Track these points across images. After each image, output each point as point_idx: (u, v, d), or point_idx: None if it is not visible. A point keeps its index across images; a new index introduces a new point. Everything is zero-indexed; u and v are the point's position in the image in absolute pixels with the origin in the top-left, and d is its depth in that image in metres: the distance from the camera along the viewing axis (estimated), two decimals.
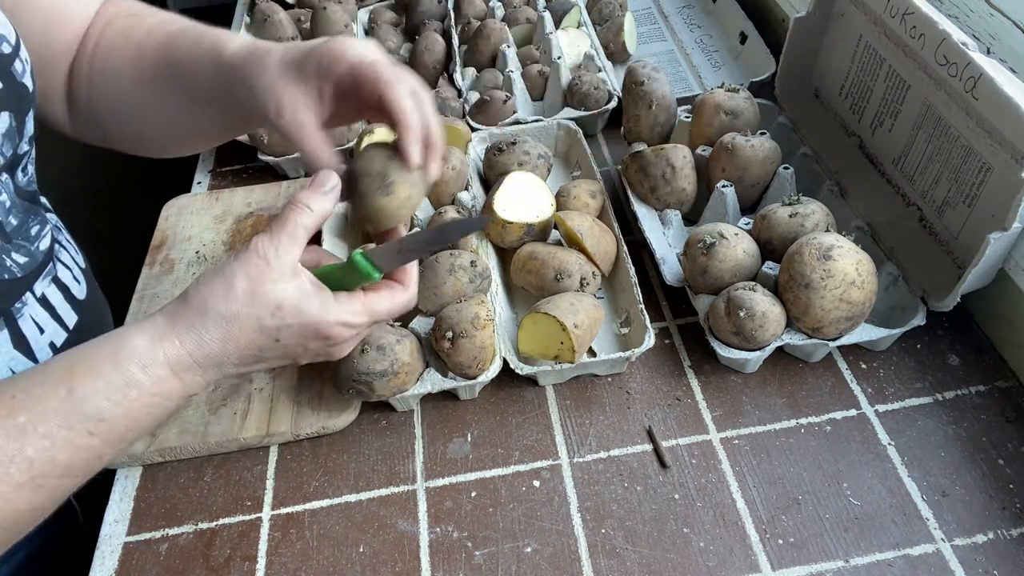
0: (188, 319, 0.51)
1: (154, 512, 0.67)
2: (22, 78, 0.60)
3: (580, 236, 0.76)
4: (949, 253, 0.75)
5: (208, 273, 0.52)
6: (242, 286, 0.51)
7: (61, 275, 0.69)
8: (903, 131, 0.80)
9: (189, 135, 0.70)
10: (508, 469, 0.68)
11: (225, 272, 0.52)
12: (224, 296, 0.51)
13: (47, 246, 0.67)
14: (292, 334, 0.53)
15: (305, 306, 0.52)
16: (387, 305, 0.56)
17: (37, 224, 0.66)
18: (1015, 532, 0.61)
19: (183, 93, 0.64)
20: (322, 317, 0.53)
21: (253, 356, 0.53)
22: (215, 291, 0.51)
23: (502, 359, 0.72)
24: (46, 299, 0.66)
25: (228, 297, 0.51)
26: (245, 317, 0.51)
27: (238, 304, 0.51)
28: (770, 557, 0.61)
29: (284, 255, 0.52)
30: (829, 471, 0.66)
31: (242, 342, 0.52)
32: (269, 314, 0.51)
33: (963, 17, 0.80)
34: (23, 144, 0.63)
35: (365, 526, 0.65)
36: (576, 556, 0.62)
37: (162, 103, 0.66)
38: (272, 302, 0.51)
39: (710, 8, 1.24)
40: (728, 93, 0.87)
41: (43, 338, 0.65)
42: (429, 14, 1.20)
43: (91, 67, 0.68)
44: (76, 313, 0.70)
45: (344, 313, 0.54)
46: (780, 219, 0.74)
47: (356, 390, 0.68)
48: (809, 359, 0.74)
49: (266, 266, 0.51)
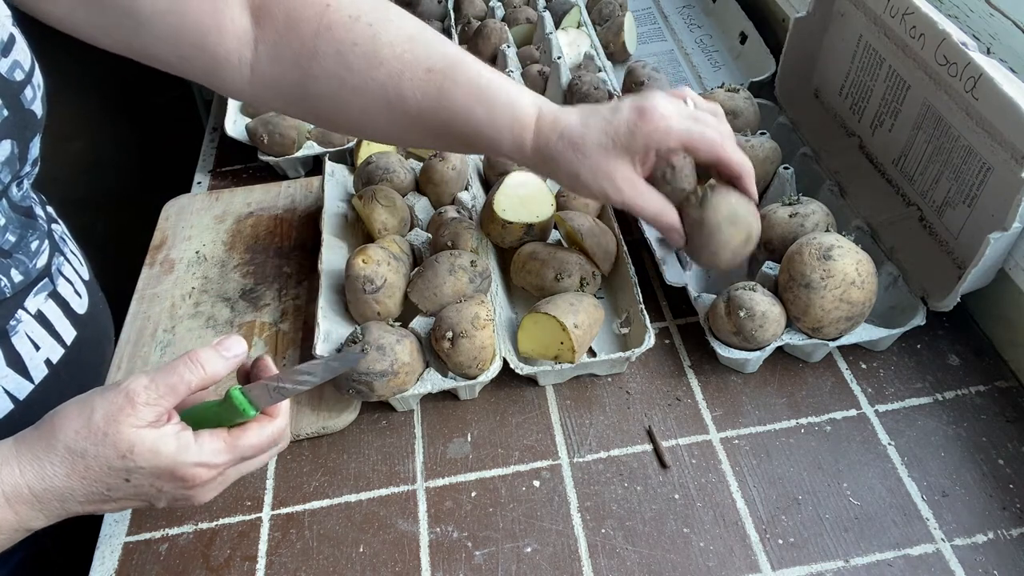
0: (35, 448, 0.48)
1: (154, 512, 0.67)
2: (31, 105, 0.60)
3: (580, 236, 0.76)
4: (949, 253, 0.75)
5: (73, 401, 0.50)
6: (97, 424, 0.48)
7: (61, 290, 0.69)
8: (903, 131, 0.80)
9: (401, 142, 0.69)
10: (508, 469, 0.68)
11: (86, 405, 0.49)
12: (76, 429, 0.48)
13: (44, 262, 0.66)
14: (144, 476, 0.49)
15: (161, 448, 0.49)
16: (254, 440, 0.52)
17: (36, 239, 0.66)
18: (1015, 532, 0.61)
19: (445, 138, 0.64)
20: (178, 458, 0.49)
21: (100, 495, 0.50)
22: (69, 422, 0.49)
23: (502, 359, 0.72)
24: (43, 315, 0.66)
25: (80, 432, 0.48)
26: (92, 456, 0.48)
27: (88, 441, 0.48)
28: (770, 557, 0.61)
29: (155, 402, 0.49)
30: (829, 471, 0.66)
31: (88, 479, 0.49)
32: (119, 456, 0.48)
33: (963, 17, 0.80)
34: (26, 167, 0.62)
35: (365, 526, 0.65)
36: (576, 556, 0.62)
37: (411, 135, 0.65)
38: (125, 444, 0.48)
39: (710, 8, 1.24)
40: (728, 93, 0.87)
41: (39, 355, 0.65)
42: (429, 14, 1.20)
43: (317, 49, 0.61)
44: (75, 328, 0.69)
45: (204, 453, 0.50)
46: (780, 219, 0.74)
47: (356, 390, 0.68)
48: (809, 359, 0.74)
49: (130, 407, 0.48)
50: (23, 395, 0.63)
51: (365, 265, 0.73)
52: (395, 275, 0.74)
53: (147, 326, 0.82)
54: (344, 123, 0.67)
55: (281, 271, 0.87)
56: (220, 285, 0.86)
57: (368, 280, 0.73)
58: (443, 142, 0.67)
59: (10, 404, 0.62)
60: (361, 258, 0.74)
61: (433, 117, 0.62)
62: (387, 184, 0.86)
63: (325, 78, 0.62)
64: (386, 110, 0.62)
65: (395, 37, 0.61)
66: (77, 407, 0.49)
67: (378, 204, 0.81)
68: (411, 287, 0.75)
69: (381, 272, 0.73)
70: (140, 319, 0.83)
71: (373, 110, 0.62)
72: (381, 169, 0.86)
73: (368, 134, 0.76)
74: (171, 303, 0.85)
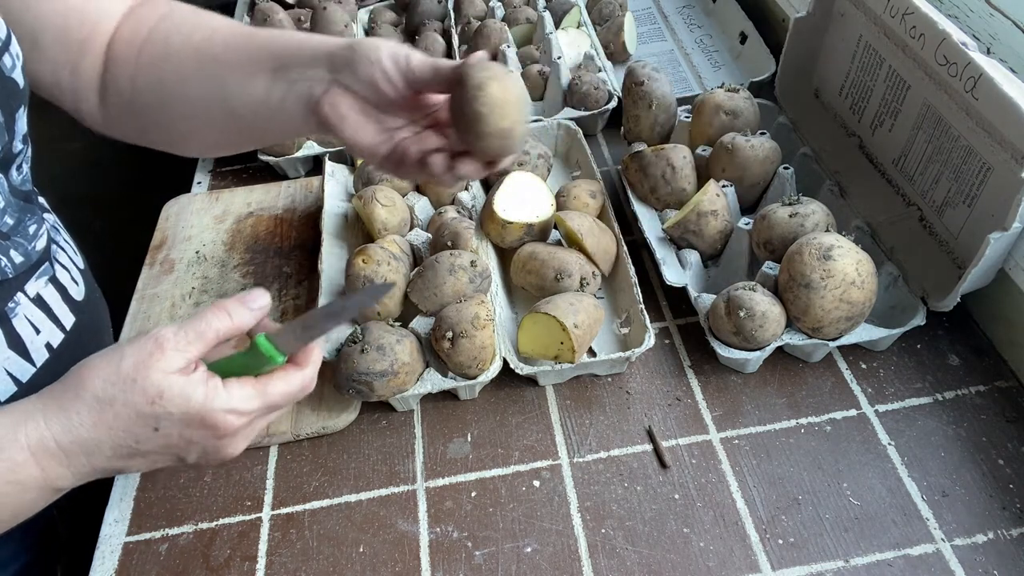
0: (61, 399, 0.48)
1: (154, 512, 0.67)
2: (11, 73, 0.60)
3: (580, 236, 0.76)
4: (949, 253, 0.75)
5: (98, 354, 0.49)
6: (126, 371, 0.47)
7: (59, 276, 0.69)
8: (903, 131, 0.80)
9: (233, 131, 0.68)
10: (508, 469, 0.68)
11: (114, 354, 0.48)
12: (105, 378, 0.47)
13: (43, 246, 0.67)
14: (174, 423, 0.48)
15: (191, 394, 0.48)
16: (282, 387, 0.52)
17: (34, 224, 0.66)
18: (1015, 532, 0.61)
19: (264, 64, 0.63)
20: (207, 404, 0.48)
21: (129, 448, 0.49)
22: (97, 371, 0.48)
23: (502, 359, 0.72)
24: (42, 299, 0.66)
25: (108, 380, 0.47)
26: (121, 403, 0.47)
27: (116, 388, 0.47)
28: (770, 557, 0.61)
29: (183, 348, 0.48)
30: (829, 471, 0.66)
31: (116, 429, 0.47)
32: (148, 401, 0.47)
33: (963, 17, 0.81)
34: (16, 143, 0.62)
35: (365, 526, 0.65)
36: (576, 556, 0.62)
37: (226, 80, 0.64)
38: (154, 390, 0.47)
39: (710, 8, 1.24)
40: (728, 93, 0.87)
41: (39, 339, 0.65)
42: (429, 14, 1.20)
43: (140, 58, 0.65)
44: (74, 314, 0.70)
45: (233, 400, 0.49)
46: (780, 219, 0.74)
47: (356, 390, 0.68)
48: (809, 359, 0.74)
49: (159, 353, 0.48)
50: (26, 378, 0.63)
51: (365, 265, 0.73)
52: (395, 275, 0.74)
53: (147, 326, 0.82)
54: (179, 133, 0.69)
55: (281, 271, 0.87)
56: (220, 285, 0.86)
57: (368, 280, 0.73)
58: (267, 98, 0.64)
59: (13, 386, 0.62)
60: (361, 258, 0.74)
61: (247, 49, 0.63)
62: (387, 184, 0.86)
63: (148, 90, 0.65)
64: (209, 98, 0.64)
65: (218, 23, 0.66)
66: (105, 357, 0.48)
67: (378, 204, 0.81)
68: (411, 287, 0.75)
69: (381, 272, 0.73)
70: (140, 319, 0.83)
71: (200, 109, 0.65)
72: None
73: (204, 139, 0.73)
74: (171, 303, 0.85)
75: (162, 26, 0.67)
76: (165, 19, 0.68)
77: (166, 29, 0.67)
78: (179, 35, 0.66)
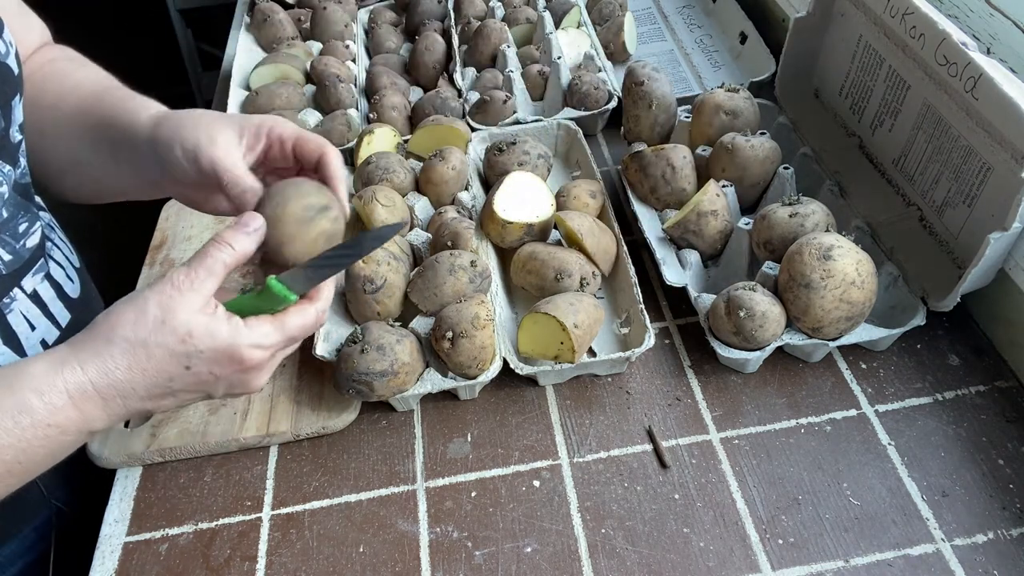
0: (94, 346, 0.50)
1: (154, 512, 0.67)
2: (6, 59, 0.60)
3: (580, 236, 0.76)
4: (949, 253, 0.75)
5: (120, 302, 0.51)
6: (153, 313, 0.50)
7: (54, 273, 0.69)
8: (903, 131, 0.80)
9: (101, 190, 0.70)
10: (508, 469, 0.68)
11: (137, 300, 0.51)
12: (133, 322, 0.50)
13: (35, 243, 0.67)
14: (204, 361, 0.51)
15: (216, 331, 0.51)
16: (298, 321, 0.55)
17: (26, 221, 0.66)
18: (1015, 532, 0.61)
19: (103, 141, 0.66)
20: (233, 339, 0.52)
21: (162, 387, 0.51)
22: (125, 318, 0.50)
23: (502, 359, 0.72)
24: (38, 295, 0.66)
25: (137, 323, 0.50)
26: (154, 344, 0.50)
27: (147, 331, 0.50)
28: (770, 557, 0.61)
29: (199, 286, 0.51)
30: (829, 471, 0.66)
31: (150, 370, 0.50)
32: (179, 340, 0.50)
33: (963, 17, 0.81)
34: (13, 131, 0.63)
35: (365, 526, 0.65)
36: (576, 556, 0.62)
37: (77, 145, 0.67)
38: (183, 328, 0.50)
39: (710, 8, 1.24)
40: (728, 93, 0.87)
41: (34, 335, 0.65)
42: (429, 14, 1.20)
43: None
44: (69, 311, 0.70)
45: (255, 335, 0.53)
46: (780, 219, 0.74)
47: (356, 390, 0.68)
48: (809, 359, 0.74)
49: (179, 295, 0.50)
50: None
51: (365, 265, 0.73)
52: (395, 275, 0.74)
53: None
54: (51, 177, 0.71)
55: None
56: None
57: (368, 280, 0.73)
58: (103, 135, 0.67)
59: None
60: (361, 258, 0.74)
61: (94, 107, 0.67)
62: (387, 184, 0.86)
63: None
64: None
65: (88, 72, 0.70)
66: (129, 303, 0.51)
67: (378, 204, 0.81)
68: (411, 287, 0.75)
69: (381, 272, 0.73)
70: None
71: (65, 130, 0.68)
72: (381, 169, 0.86)
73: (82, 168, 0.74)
74: None
75: (41, 72, 0.69)
76: (50, 63, 0.70)
77: (43, 76, 0.69)
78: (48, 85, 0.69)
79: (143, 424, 0.72)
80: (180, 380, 0.52)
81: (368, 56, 1.19)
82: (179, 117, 0.61)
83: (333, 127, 0.98)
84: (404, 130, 1.00)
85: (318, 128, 1.00)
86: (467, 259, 0.74)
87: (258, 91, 1.04)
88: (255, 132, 0.61)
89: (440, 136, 0.94)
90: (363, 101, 1.07)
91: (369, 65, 1.13)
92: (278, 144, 0.61)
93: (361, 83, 1.10)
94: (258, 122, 0.61)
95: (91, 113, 0.66)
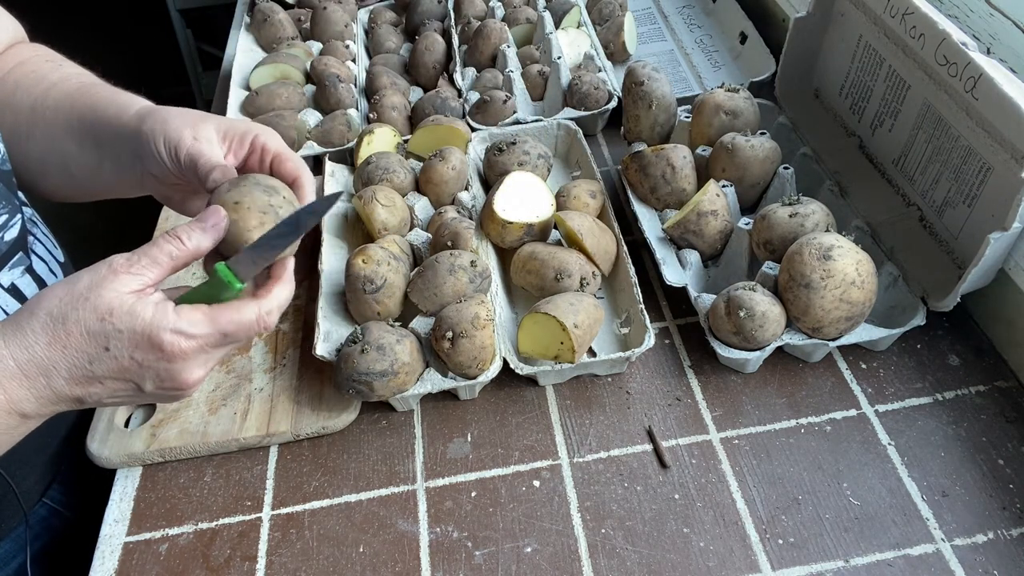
0: (18, 319, 0.49)
1: (154, 512, 0.67)
2: None
3: (580, 236, 0.76)
4: (949, 253, 0.75)
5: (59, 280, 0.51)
6: (80, 289, 0.49)
7: (37, 268, 0.69)
8: (903, 131, 0.80)
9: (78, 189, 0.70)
10: (508, 469, 0.68)
11: (71, 278, 0.50)
12: (60, 297, 0.49)
13: (14, 236, 0.66)
14: (123, 343, 0.49)
15: (138, 311, 0.49)
16: (231, 315, 0.52)
17: (6, 213, 0.66)
18: (1015, 532, 0.61)
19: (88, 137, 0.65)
20: (154, 323, 0.49)
21: (83, 369, 0.49)
22: (53, 293, 0.49)
23: (502, 359, 0.72)
24: (17, 289, 0.66)
25: (62, 299, 0.49)
26: (73, 321, 0.48)
27: (69, 306, 0.48)
28: (770, 557, 0.61)
29: (137, 271, 0.50)
30: (829, 471, 0.66)
31: (69, 348, 0.48)
32: (98, 318, 0.48)
33: (963, 17, 0.81)
34: None
35: (365, 526, 0.65)
36: (576, 556, 0.62)
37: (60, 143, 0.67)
38: (104, 306, 0.49)
39: (710, 8, 1.24)
40: (728, 93, 0.87)
41: None
42: (429, 14, 1.20)
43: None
44: None
45: (181, 322, 0.50)
46: (780, 219, 0.74)
47: (356, 390, 0.68)
48: (809, 359, 0.74)
49: (112, 275, 0.49)
50: None
51: (365, 265, 0.73)
52: (395, 275, 0.74)
53: None
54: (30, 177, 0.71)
55: None
56: None
57: (368, 280, 0.73)
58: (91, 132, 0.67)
59: None
60: (361, 258, 0.74)
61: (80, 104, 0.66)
62: (387, 184, 0.86)
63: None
64: None
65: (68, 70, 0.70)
66: (63, 281, 0.50)
67: (378, 204, 0.81)
68: (411, 287, 0.75)
69: (381, 272, 0.73)
70: None
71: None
72: (381, 169, 0.86)
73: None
74: None
75: (13, 75, 0.69)
76: (21, 65, 0.69)
77: (16, 78, 0.68)
78: (24, 85, 0.68)
79: (143, 424, 0.72)
80: (100, 364, 0.49)
81: (368, 56, 1.19)
82: (167, 112, 0.61)
83: (333, 127, 0.98)
84: (404, 130, 1.00)
85: (318, 128, 1.00)
86: (467, 259, 0.74)
87: (258, 91, 1.04)
88: (240, 137, 0.60)
89: (440, 136, 0.94)
90: (363, 101, 1.07)
91: (369, 65, 1.13)
92: (259, 153, 0.60)
93: (361, 83, 1.10)
94: (244, 128, 0.60)
95: (74, 109, 0.65)
